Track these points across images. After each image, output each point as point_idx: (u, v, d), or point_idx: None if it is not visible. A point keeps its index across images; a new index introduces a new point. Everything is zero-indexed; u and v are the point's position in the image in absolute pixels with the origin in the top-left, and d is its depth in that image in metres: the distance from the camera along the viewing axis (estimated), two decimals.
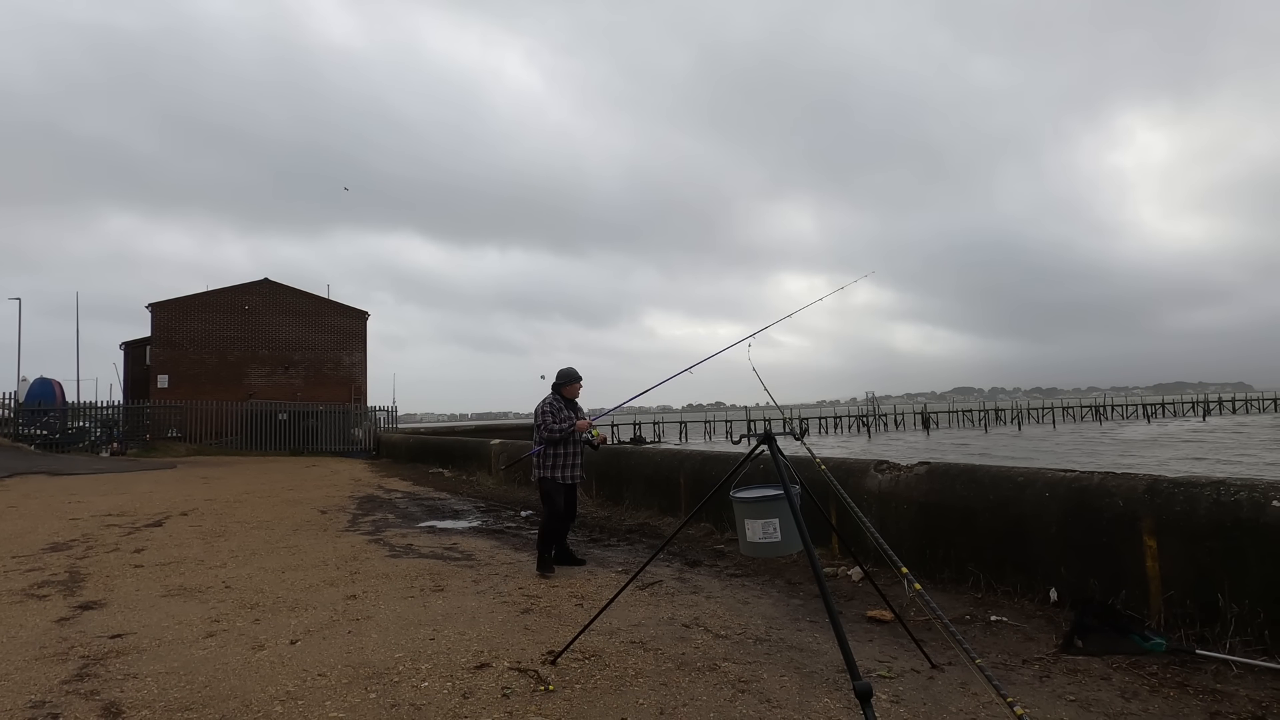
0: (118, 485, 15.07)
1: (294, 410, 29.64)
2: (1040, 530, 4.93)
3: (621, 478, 10.27)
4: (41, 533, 8.93)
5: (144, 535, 8.70)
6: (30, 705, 3.59)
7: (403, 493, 13.43)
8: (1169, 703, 3.43)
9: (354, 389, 33.89)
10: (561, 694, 3.66)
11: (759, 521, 3.69)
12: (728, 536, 7.33)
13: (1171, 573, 4.22)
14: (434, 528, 9.22)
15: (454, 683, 3.83)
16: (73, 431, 28.04)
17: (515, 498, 12.07)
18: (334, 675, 3.95)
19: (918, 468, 6.08)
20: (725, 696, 3.60)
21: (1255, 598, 3.86)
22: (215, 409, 29.06)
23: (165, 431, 28.73)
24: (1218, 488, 4.13)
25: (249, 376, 32.60)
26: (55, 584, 6.22)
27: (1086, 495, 4.71)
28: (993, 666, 3.76)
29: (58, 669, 4.10)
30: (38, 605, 5.52)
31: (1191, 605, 4.11)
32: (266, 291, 33.86)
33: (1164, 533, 4.26)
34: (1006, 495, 5.21)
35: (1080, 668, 3.86)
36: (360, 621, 4.96)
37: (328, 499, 12.38)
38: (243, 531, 8.90)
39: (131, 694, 3.73)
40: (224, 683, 3.87)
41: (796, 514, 3.40)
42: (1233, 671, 3.69)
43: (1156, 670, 3.77)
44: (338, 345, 34.58)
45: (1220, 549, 4.02)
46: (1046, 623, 4.55)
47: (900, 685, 3.71)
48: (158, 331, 31.81)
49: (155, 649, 4.44)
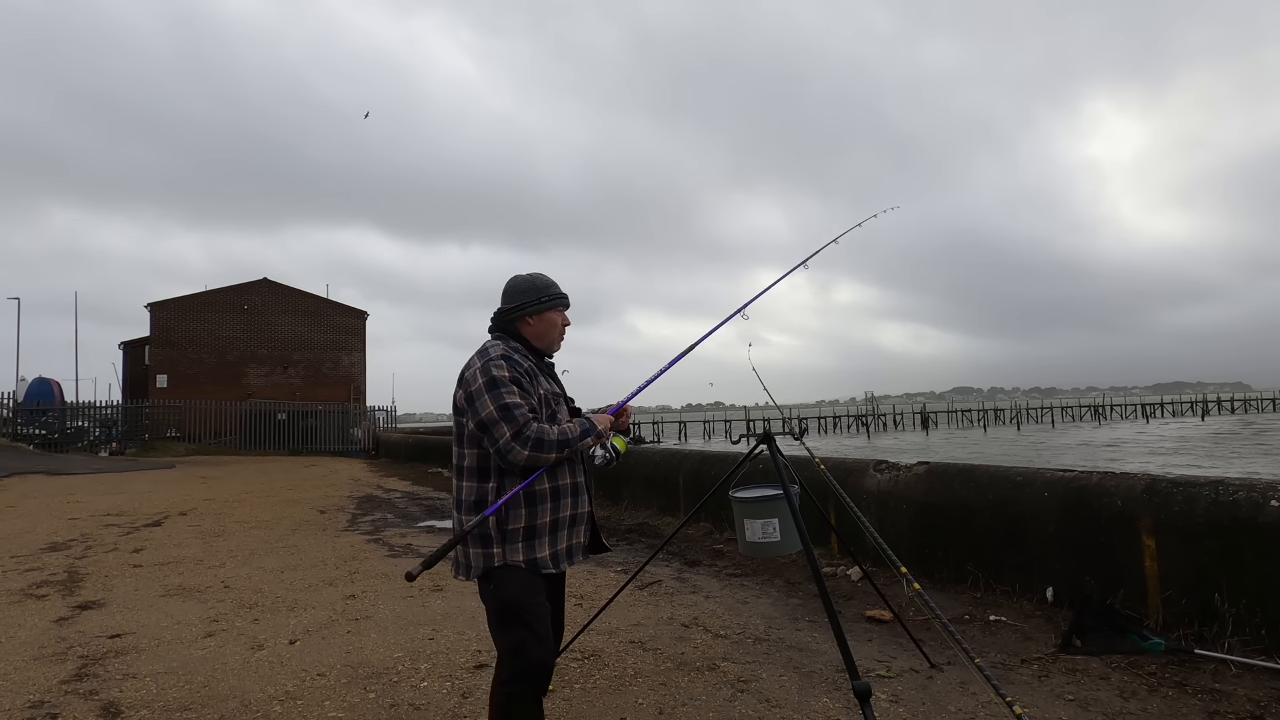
0: (116, 485, 15.06)
1: (293, 410, 29.64)
2: (1039, 530, 4.93)
3: (620, 477, 10.28)
4: (40, 532, 8.92)
5: (143, 535, 8.70)
6: (29, 705, 3.59)
7: (402, 492, 13.43)
8: (1167, 702, 3.43)
9: (353, 389, 33.89)
10: (561, 694, 3.66)
11: (758, 521, 3.70)
12: (727, 536, 7.33)
13: (1170, 572, 4.22)
14: (433, 527, 9.22)
15: (453, 683, 3.83)
16: (71, 431, 28.03)
17: None
18: (333, 675, 3.95)
19: (916, 467, 6.08)
20: (724, 696, 3.60)
21: (1253, 597, 3.86)
22: (214, 409, 29.06)
23: (164, 431, 28.73)
24: (1216, 487, 4.14)
25: (248, 376, 32.60)
26: (54, 584, 6.21)
27: (1085, 495, 4.72)
28: (991, 666, 3.77)
29: (56, 669, 4.10)
30: (36, 605, 5.52)
31: (1190, 605, 4.11)
32: (265, 291, 33.87)
33: (1162, 532, 4.26)
34: (1005, 495, 5.21)
35: (1079, 667, 3.87)
36: (359, 621, 4.96)
37: (327, 499, 12.37)
38: (241, 531, 8.89)
39: (130, 694, 3.73)
40: (223, 683, 3.86)
41: (796, 514, 3.41)
42: (1231, 671, 3.70)
43: (1155, 670, 3.77)
44: (336, 345, 34.59)
45: (1218, 548, 4.02)
46: (1045, 622, 4.56)
47: (899, 685, 3.71)
48: (156, 331, 31.81)
49: (154, 649, 4.44)
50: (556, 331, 2.84)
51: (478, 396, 2.54)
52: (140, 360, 34.44)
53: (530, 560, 2.56)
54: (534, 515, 2.58)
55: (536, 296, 2.78)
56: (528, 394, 2.58)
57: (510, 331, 2.78)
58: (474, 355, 2.69)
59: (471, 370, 2.61)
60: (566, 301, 2.86)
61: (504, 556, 2.54)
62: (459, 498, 2.63)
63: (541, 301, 2.78)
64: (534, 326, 2.78)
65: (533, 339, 2.77)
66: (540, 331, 2.79)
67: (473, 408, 2.54)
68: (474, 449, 2.59)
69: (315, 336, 34.18)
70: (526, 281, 2.82)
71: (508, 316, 2.80)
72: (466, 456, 2.62)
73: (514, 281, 2.83)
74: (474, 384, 2.57)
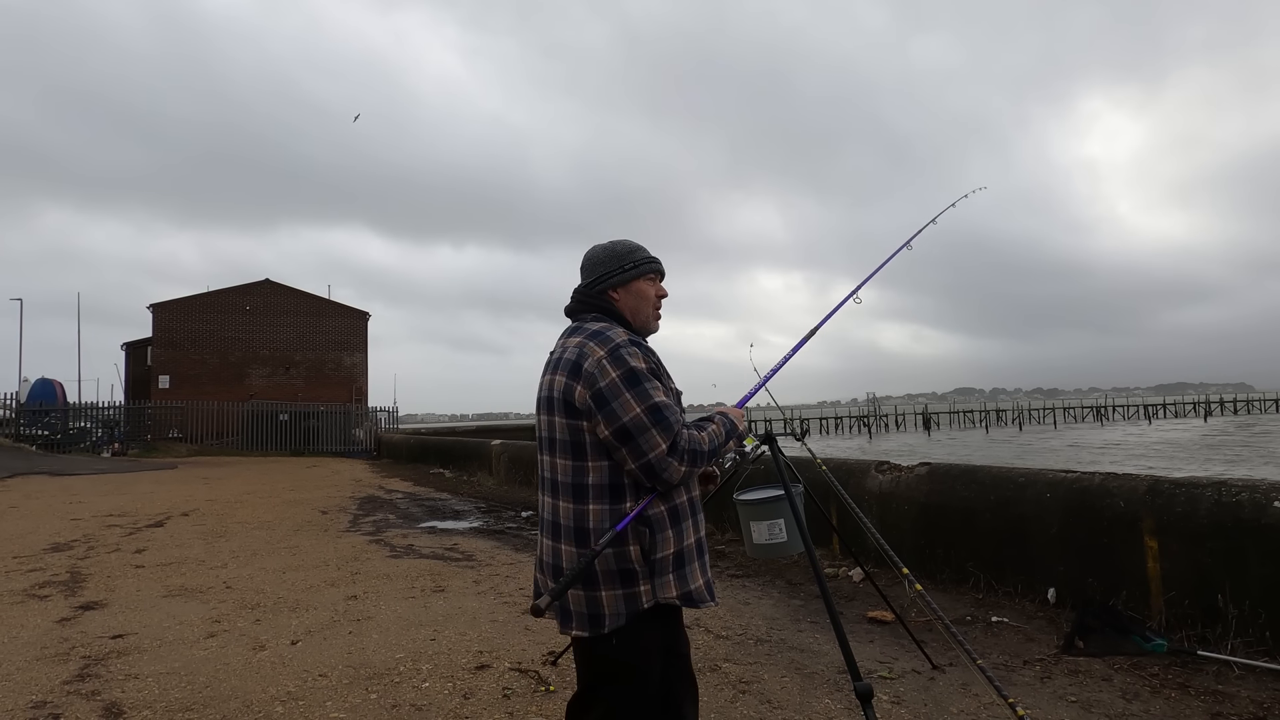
0: (119, 486, 15.08)
1: (295, 411, 29.66)
2: (1041, 531, 4.92)
3: None
4: (43, 533, 8.93)
5: (145, 536, 8.70)
6: (32, 705, 3.59)
7: (403, 493, 13.44)
8: (1170, 704, 3.43)
9: (355, 389, 33.93)
10: (562, 695, 3.66)
11: (764, 523, 3.70)
12: (728, 537, 7.32)
13: (1172, 573, 4.21)
14: (435, 528, 9.22)
15: (455, 683, 3.83)
16: (74, 432, 28.07)
17: (516, 498, 12.08)
18: (335, 676, 3.95)
19: (918, 468, 6.07)
20: (726, 697, 3.60)
21: (1256, 599, 3.86)
22: (216, 409, 29.10)
23: (166, 432, 28.77)
24: (1219, 488, 4.13)
25: (250, 377, 32.64)
26: (56, 584, 6.22)
27: (1087, 496, 4.71)
28: (994, 667, 3.76)
29: (59, 669, 4.11)
30: (39, 605, 5.52)
31: (1192, 606, 4.10)
32: (267, 292, 33.91)
33: (1165, 533, 4.25)
34: (1007, 495, 5.21)
35: (1081, 669, 3.86)
36: (361, 622, 4.96)
37: (328, 499, 12.38)
38: (244, 532, 8.90)
39: (132, 694, 3.73)
40: (225, 683, 3.87)
41: (798, 514, 3.40)
42: (1234, 673, 3.69)
43: (1158, 671, 3.77)
44: (339, 346, 34.62)
45: (1221, 549, 4.01)
46: (1047, 623, 4.55)
47: (901, 686, 3.71)
48: (159, 332, 31.85)
49: (156, 649, 4.44)
50: (650, 306, 2.25)
51: (614, 395, 1.98)
52: (143, 361, 34.49)
53: (685, 594, 2.04)
54: (681, 536, 2.05)
55: (620, 264, 2.21)
56: (669, 391, 2.10)
57: (609, 311, 2.20)
58: (581, 339, 2.10)
59: (595, 359, 2.02)
60: (658, 267, 2.27)
61: (654, 594, 2.00)
62: (572, 524, 2.03)
63: (626, 270, 2.21)
64: (622, 301, 2.21)
65: (637, 326, 2.21)
66: (632, 307, 2.22)
67: (607, 409, 1.98)
68: (601, 460, 2.03)
69: (317, 337, 34.22)
70: (606, 250, 2.25)
71: (593, 291, 2.22)
72: (590, 471, 2.03)
73: (591, 253, 2.28)
74: (604, 378, 2.00)
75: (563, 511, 2.05)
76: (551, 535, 2.08)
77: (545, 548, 2.11)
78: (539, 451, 2.19)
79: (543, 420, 2.15)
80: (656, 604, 1.99)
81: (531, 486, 12.77)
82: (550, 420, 2.11)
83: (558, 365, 2.10)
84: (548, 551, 2.09)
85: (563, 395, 2.06)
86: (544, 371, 2.18)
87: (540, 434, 2.17)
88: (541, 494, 2.16)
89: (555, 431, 2.09)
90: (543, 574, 2.13)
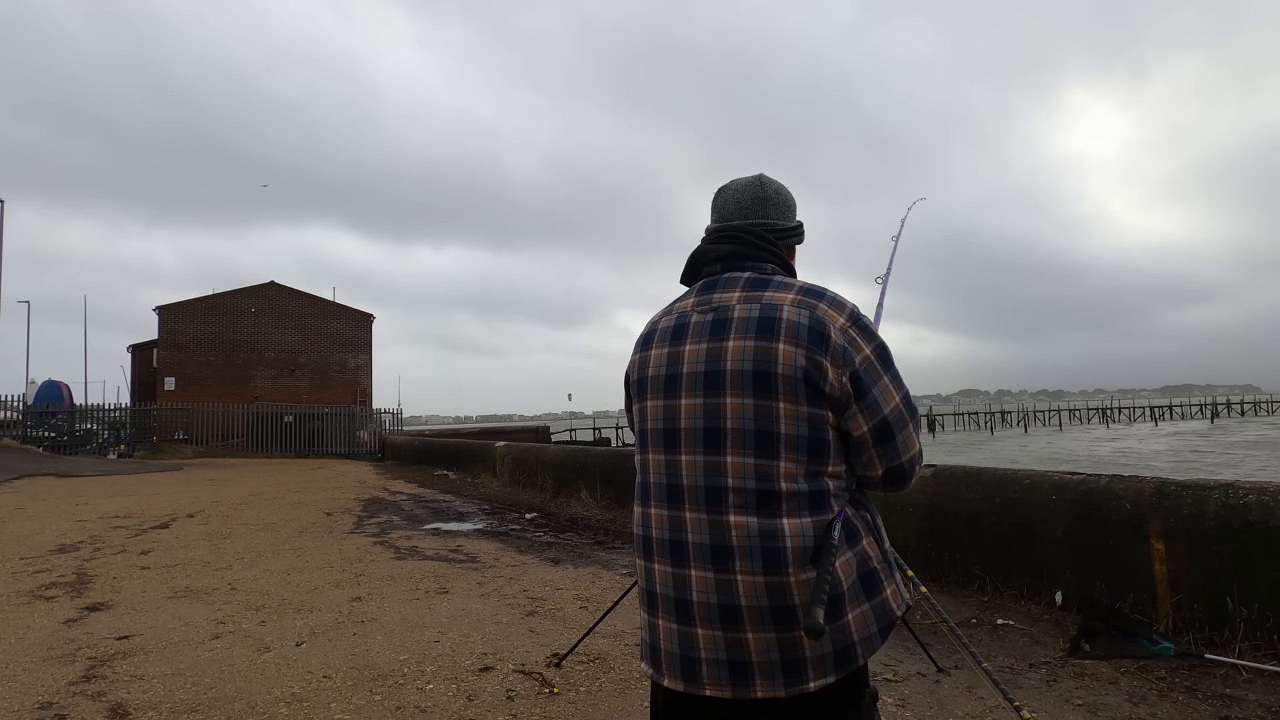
0: (124, 487, 15.12)
1: (300, 412, 29.72)
2: (1047, 533, 4.90)
3: (627, 480, 10.27)
4: (49, 534, 8.96)
5: (151, 537, 8.73)
6: (38, 706, 3.60)
7: (408, 495, 13.46)
8: (1177, 707, 3.41)
9: (359, 391, 34.00)
10: (566, 697, 3.65)
11: None
12: None
13: (1179, 576, 4.19)
14: (439, 530, 9.23)
15: (459, 685, 3.83)
16: (80, 434, 28.16)
17: (520, 500, 12.08)
18: (339, 677, 3.95)
19: (923, 470, 6.06)
20: None
21: (1265, 602, 3.84)
22: (221, 411, 29.16)
23: (172, 434, 28.84)
24: (1226, 491, 4.11)
25: (255, 379, 32.74)
26: (62, 585, 6.24)
27: (1093, 498, 4.69)
28: (999, 670, 3.75)
29: (65, 670, 4.12)
30: (45, 606, 5.54)
31: (1200, 609, 4.08)
32: (272, 294, 34.02)
33: (1172, 536, 4.23)
34: (1012, 498, 5.19)
35: (1088, 671, 3.85)
36: (365, 624, 4.96)
37: (333, 501, 12.40)
38: (248, 533, 8.92)
39: (138, 695, 3.74)
40: (230, 684, 3.87)
41: None
42: (1242, 676, 3.67)
43: (1165, 674, 3.75)
44: (343, 347, 34.71)
45: (1229, 552, 3.99)
46: (1053, 626, 4.53)
47: (906, 689, 3.69)
48: (164, 334, 31.98)
49: (161, 650, 4.45)
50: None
51: (872, 377, 1.46)
52: (148, 363, 34.61)
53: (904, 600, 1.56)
54: (883, 543, 1.55)
55: (800, 223, 1.70)
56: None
57: (790, 270, 1.65)
58: (796, 296, 1.50)
59: (838, 326, 1.45)
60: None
61: (900, 596, 1.54)
62: (759, 545, 1.41)
63: (802, 228, 1.71)
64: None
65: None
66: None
67: (868, 399, 1.45)
68: (840, 465, 1.49)
69: (322, 339, 34.31)
70: (787, 194, 1.69)
71: (785, 235, 1.65)
72: (819, 476, 1.45)
73: (776, 187, 1.67)
74: (858, 352, 1.45)
75: (737, 528, 1.42)
76: (705, 561, 1.44)
77: (695, 581, 1.45)
78: (650, 448, 1.55)
79: (692, 404, 1.49)
80: (893, 618, 1.49)
81: (535, 488, 12.77)
82: (738, 404, 1.44)
83: (761, 327, 1.46)
84: (701, 587, 1.44)
85: (796, 373, 1.42)
86: (689, 337, 1.53)
87: (680, 424, 1.50)
88: (664, 505, 1.51)
89: (752, 421, 1.43)
90: (685, 622, 1.46)
